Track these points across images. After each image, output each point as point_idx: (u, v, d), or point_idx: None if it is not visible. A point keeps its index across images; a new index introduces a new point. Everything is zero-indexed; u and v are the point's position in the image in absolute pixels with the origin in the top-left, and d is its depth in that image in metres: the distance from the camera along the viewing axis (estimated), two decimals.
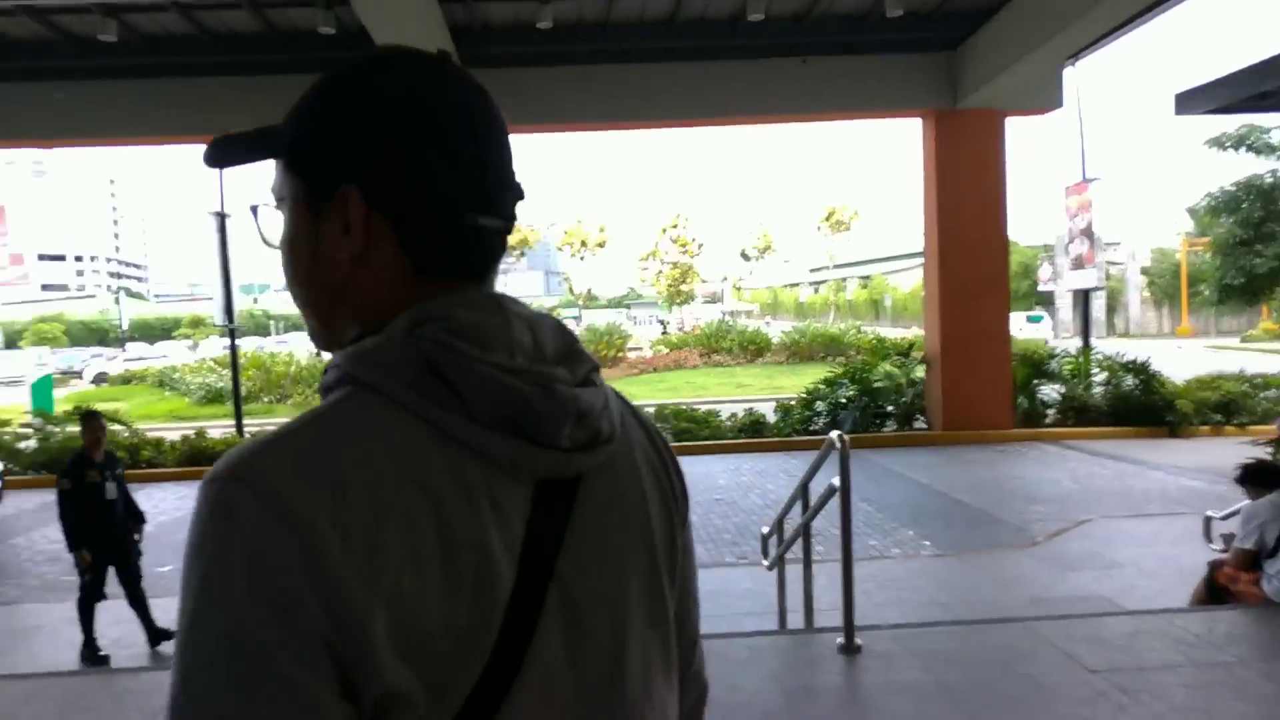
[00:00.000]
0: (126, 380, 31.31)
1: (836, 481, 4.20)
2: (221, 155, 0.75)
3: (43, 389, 16.29)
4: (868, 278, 57.58)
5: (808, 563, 4.81)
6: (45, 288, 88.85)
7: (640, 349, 30.71)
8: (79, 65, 10.44)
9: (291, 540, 0.58)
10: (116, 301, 53.61)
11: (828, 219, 49.94)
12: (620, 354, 28.33)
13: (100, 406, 10.31)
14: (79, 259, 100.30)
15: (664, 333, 38.11)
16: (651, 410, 13.67)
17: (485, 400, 0.65)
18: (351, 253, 0.70)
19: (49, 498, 5.86)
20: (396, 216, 0.70)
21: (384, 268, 0.71)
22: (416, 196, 0.70)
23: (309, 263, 0.73)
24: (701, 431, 12.42)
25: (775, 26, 10.54)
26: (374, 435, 0.63)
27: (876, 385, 12.52)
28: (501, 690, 0.63)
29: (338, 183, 0.70)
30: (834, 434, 4.29)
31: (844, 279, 59.60)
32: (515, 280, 78.36)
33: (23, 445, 12.70)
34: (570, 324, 0.78)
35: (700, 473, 10.33)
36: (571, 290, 50.12)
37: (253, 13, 9.63)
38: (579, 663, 0.68)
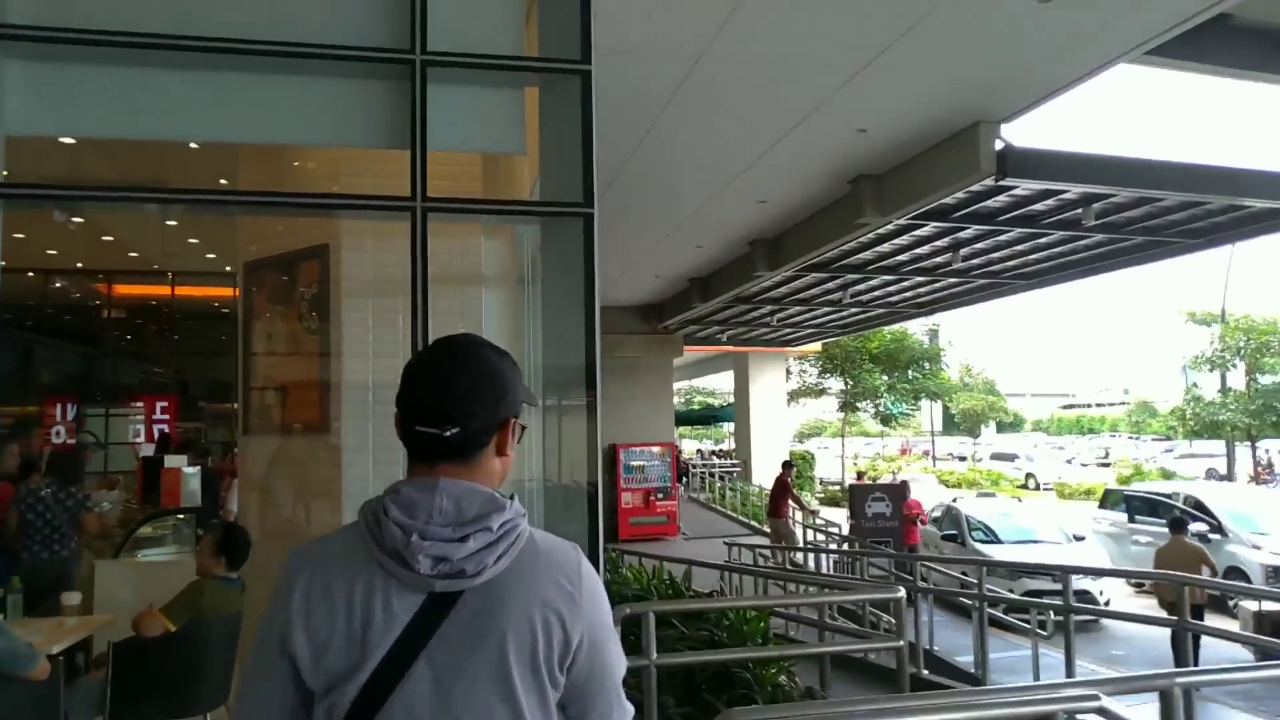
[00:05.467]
0: None
1: None
2: None
3: None
4: None
5: None
6: None
7: None
8: None
9: (283, 585, 1.27)
10: None
11: None
12: None
13: None
14: None
15: None
16: None
17: (386, 538, 1.22)
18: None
19: None
20: (398, 425, 1.33)
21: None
22: (400, 413, 1.33)
23: None
24: None
25: None
26: (343, 543, 1.28)
27: None
28: (374, 707, 1.19)
29: None
30: None
31: None
32: None
33: None
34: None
35: None
36: None
37: None
38: (434, 707, 1.20)
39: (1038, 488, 33.47)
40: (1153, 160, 8.01)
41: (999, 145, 7.62)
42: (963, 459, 48.94)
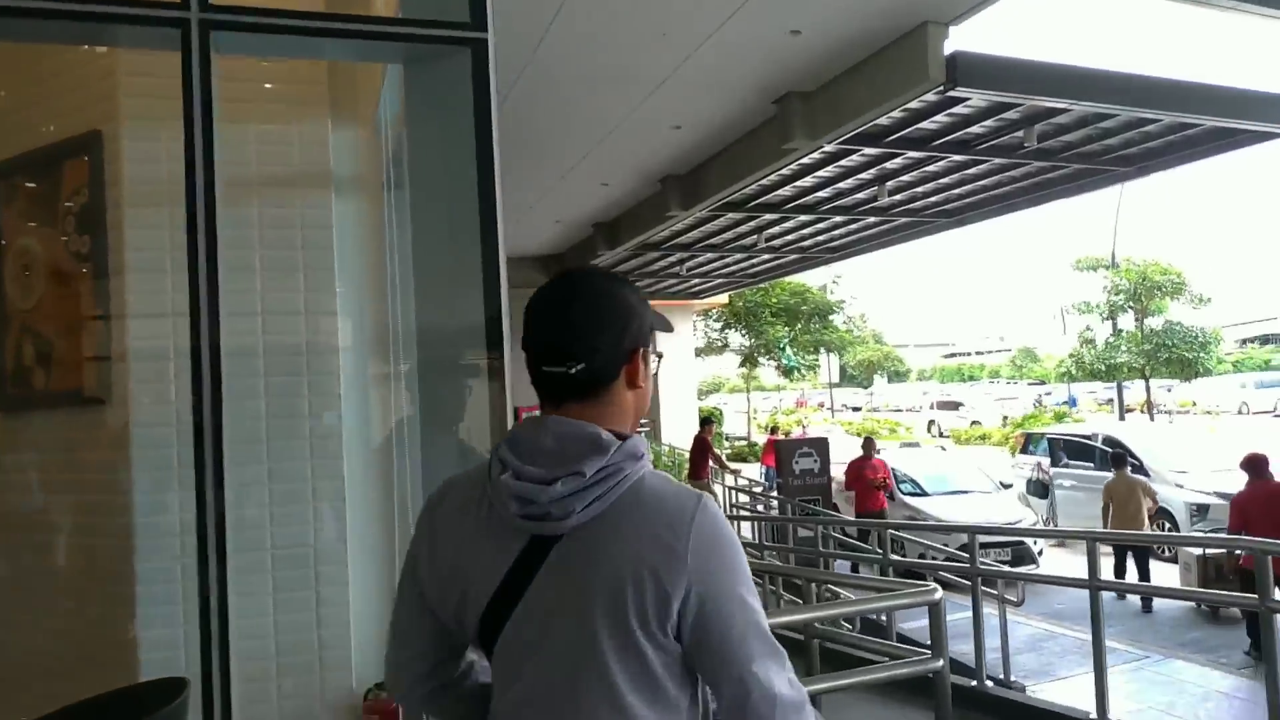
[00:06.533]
0: None
1: None
2: None
3: None
4: None
5: None
6: None
7: None
8: None
9: (421, 512, 1.36)
10: None
11: None
12: None
13: None
14: None
15: None
16: None
17: (493, 474, 1.22)
18: None
19: None
20: (527, 366, 1.30)
21: None
22: (526, 354, 1.30)
23: None
24: None
25: None
26: (476, 476, 1.29)
27: None
28: (489, 646, 1.22)
29: None
30: None
31: None
32: None
33: None
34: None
35: None
36: None
37: None
38: (528, 655, 1.18)
39: (941, 434, 34.07)
40: (1107, 71, 7.25)
41: (948, 50, 6.69)
42: (857, 409, 49.73)
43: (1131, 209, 42.86)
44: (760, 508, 12.26)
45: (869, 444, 11.50)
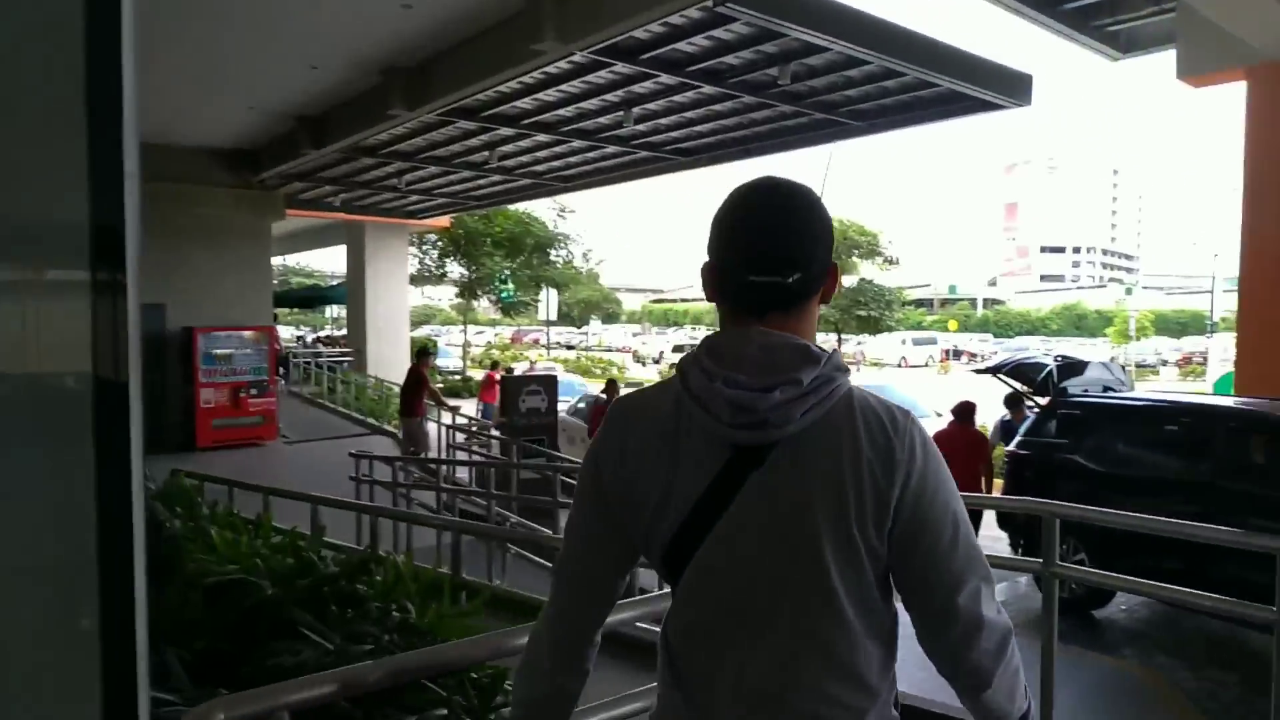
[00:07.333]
0: None
1: None
2: None
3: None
4: None
5: None
6: (1043, 278, 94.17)
7: None
8: None
9: (603, 431, 1.25)
10: (1129, 293, 44.99)
11: None
12: None
13: None
14: (1076, 250, 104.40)
15: None
16: None
17: (694, 385, 1.15)
18: (709, 299, 1.24)
19: None
20: (717, 278, 1.21)
21: (721, 307, 1.22)
22: (719, 265, 1.21)
23: None
24: None
25: None
26: (662, 393, 1.22)
27: None
28: (682, 561, 1.16)
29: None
30: None
31: None
32: None
33: None
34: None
35: None
36: None
37: None
38: (734, 569, 1.14)
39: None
40: (871, 16, 7.16)
41: None
42: (571, 348, 50.43)
43: (837, 169, 47.31)
44: (479, 448, 11.47)
45: (612, 386, 11.25)
